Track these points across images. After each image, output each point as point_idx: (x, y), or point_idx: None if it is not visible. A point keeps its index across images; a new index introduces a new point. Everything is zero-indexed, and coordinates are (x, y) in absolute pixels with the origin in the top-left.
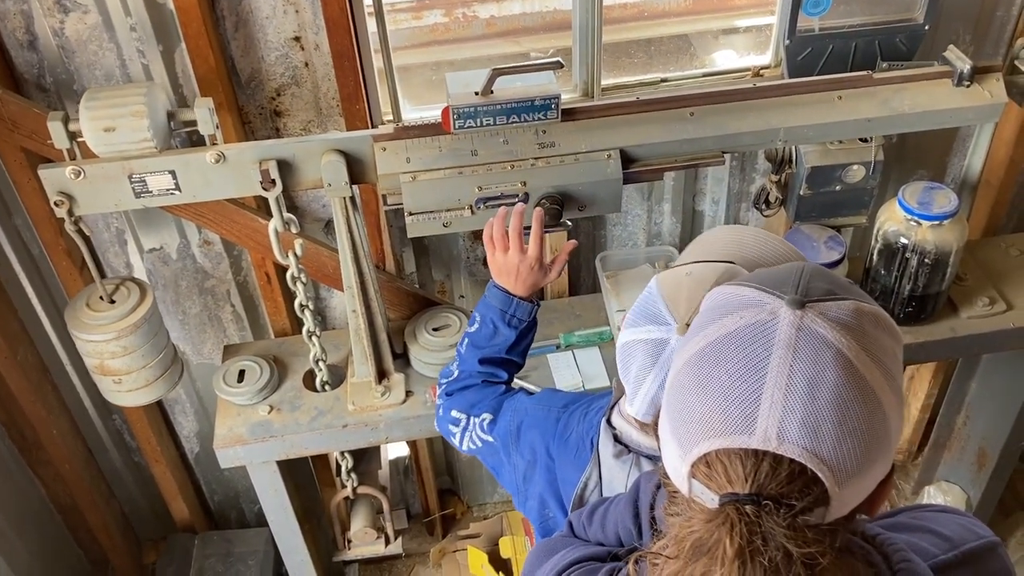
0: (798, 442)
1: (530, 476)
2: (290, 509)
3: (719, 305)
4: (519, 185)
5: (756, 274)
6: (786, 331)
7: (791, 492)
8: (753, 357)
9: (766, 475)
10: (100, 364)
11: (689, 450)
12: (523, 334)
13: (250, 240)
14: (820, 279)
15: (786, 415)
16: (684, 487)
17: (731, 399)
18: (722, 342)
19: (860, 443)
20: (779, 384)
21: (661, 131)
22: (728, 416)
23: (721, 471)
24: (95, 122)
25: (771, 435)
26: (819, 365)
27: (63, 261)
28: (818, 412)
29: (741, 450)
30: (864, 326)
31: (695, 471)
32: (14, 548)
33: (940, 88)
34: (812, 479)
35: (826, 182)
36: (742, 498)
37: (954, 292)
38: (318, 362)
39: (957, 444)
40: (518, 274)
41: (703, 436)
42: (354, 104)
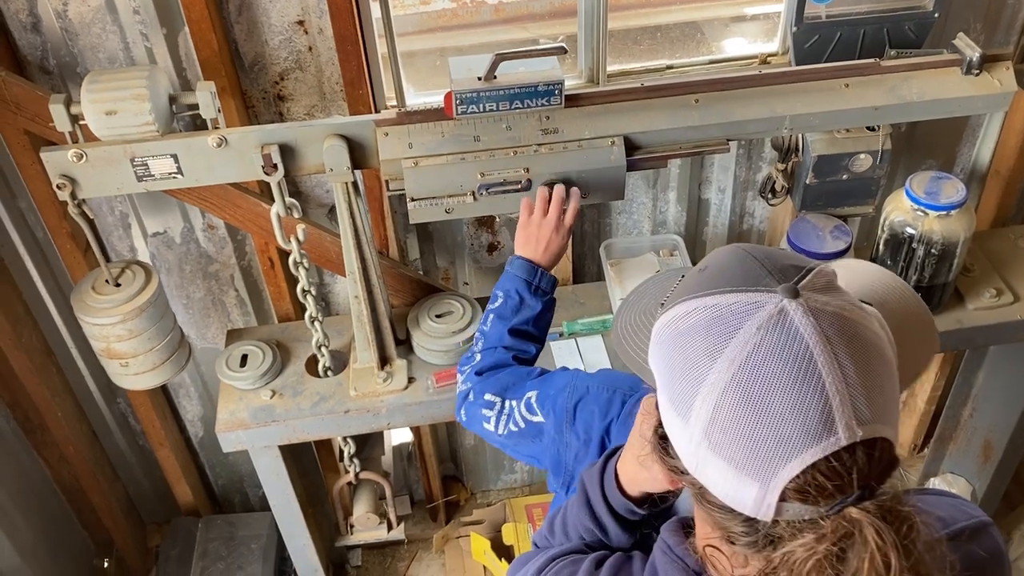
0: (873, 419)
1: (583, 457)
2: (292, 494)
3: (712, 322)
4: (522, 171)
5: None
6: (805, 321)
7: (884, 470)
8: (795, 360)
9: (864, 464)
10: (107, 347)
11: (772, 477)
12: (547, 307)
13: (253, 225)
14: (773, 258)
15: (855, 400)
16: (768, 515)
17: (799, 409)
18: (754, 358)
19: (895, 388)
20: (835, 374)
21: (665, 118)
22: (807, 426)
23: (823, 479)
24: (97, 105)
25: (853, 425)
26: (848, 339)
27: (67, 244)
28: (873, 382)
29: (832, 453)
30: (835, 284)
31: (786, 495)
32: (19, 528)
33: (949, 76)
34: (888, 445)
35: (833, 171)
36: (855, 498)
37: (961, 283)
38: (320, 347)
39: (963, 436)
40: (548, 242)
41: (787, 457)
42: (357, 89)
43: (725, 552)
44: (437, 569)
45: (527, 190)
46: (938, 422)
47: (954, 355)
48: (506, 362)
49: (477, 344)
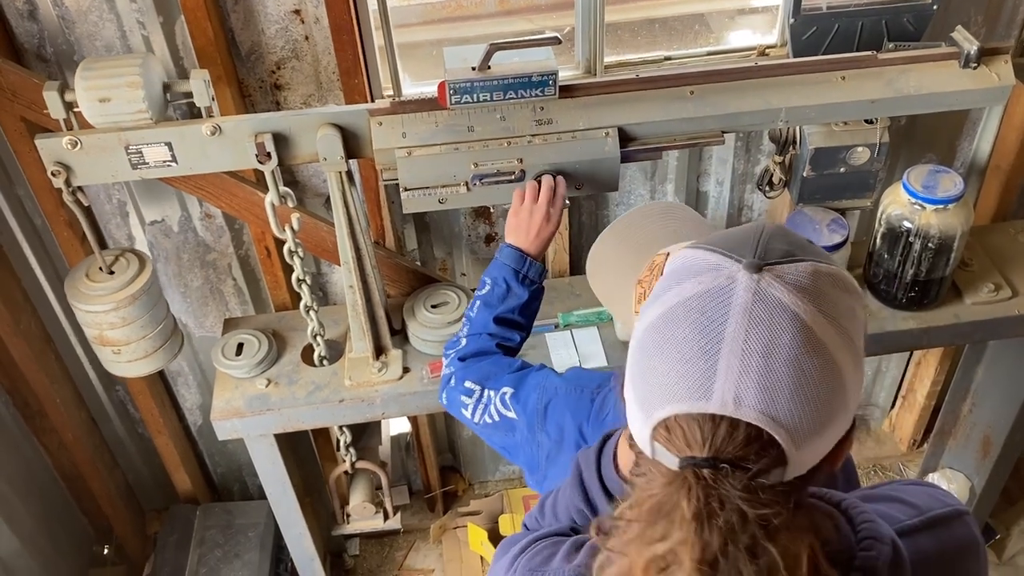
0: (754, 406)
1: (554, 457)
2: (288, 482)
3: (680, 269)
4: (515, 162)
5: (717, 236)
6: (743, 296)
7: (748, 455)
8: (710, 323)
9: (723, 439)
10: (99, 335)
11: (651, 414)
12: (534, 296)
13: (250, 214)
14: (779, 240)
15: (742, 380)
16: (647, 449)
17: (689, 365)
18: (681, 307)
19: (817, 405)
20: (735, 350)
21: (660, 109)
22: (686, 381)
23: (680, 435)
24: (90, 92)
25: (728, 400)
26: (775, 330)
27: (64, 232)
28: (774, 376)
29: (699, 415)
30: (821, 287)
31: (656, 434)
32: (18, 514)
33: (946, 70)
34: (769, 442)
35: (830, 164)
36: (699, 462)
37: (959, 278)
38: (316, 337)
39: (962, 432)
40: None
41: (663, 401)
42: (353, 78)
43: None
44: (434, 559)
45: (520, 181)
46: (937, 417)
47: (954, 350)
48: (490, 350)
49: (463, 329)
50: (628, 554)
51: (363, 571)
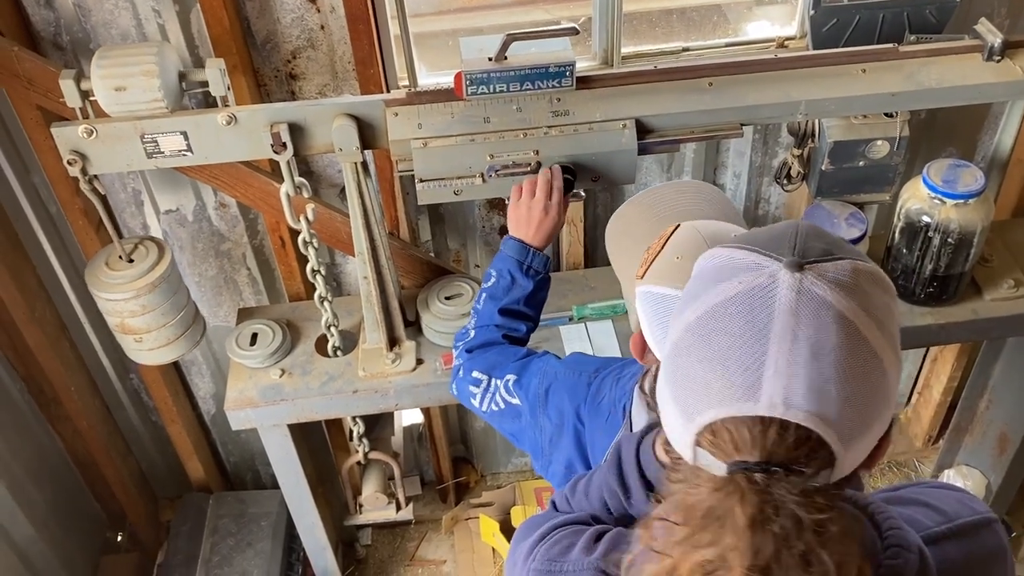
0: (804, 407)
1: (556, 440)
2: (301, 472)
3: (715, 269)
4: (532, 154)
5: (750, 234)
6: (786, 295)
7: (799, 457)
8: (755, 323)
9: (774, 441)
10: (121, 323)
11: (693, 418)
12: (539, 286)
13: (264, 204)
14: (816, 238)
15: (791, 380)
16: (688, 454)
17: (735, 366)
18: (722, 307)
19: (864, 403)
20: (782, 349)
21: (678, 101)
22: (733, 384)
23: (728, 439)
24: (106, 81)
25: (777, 401)
26: (821, 328)
27: (79, 220)
28: (822, 376)
29: (748, 417)
30: (862, 285)
31: (700, 439)
32: (33, 501)
33: (969, 62)
34: (819, 442)
35: (849, 157)
36: (751, 466)
37: (978, 273)
38: (330, 327)
39: (979, 428)
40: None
41: (708, 404)
42: (368, 68)
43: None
44: (446, 550)
45: (536, 172)
46: (953, 413)
47: (971, 346)
48: (496, 340)
49: (471, 321)
50: (672, 555)
51: (375, 561)
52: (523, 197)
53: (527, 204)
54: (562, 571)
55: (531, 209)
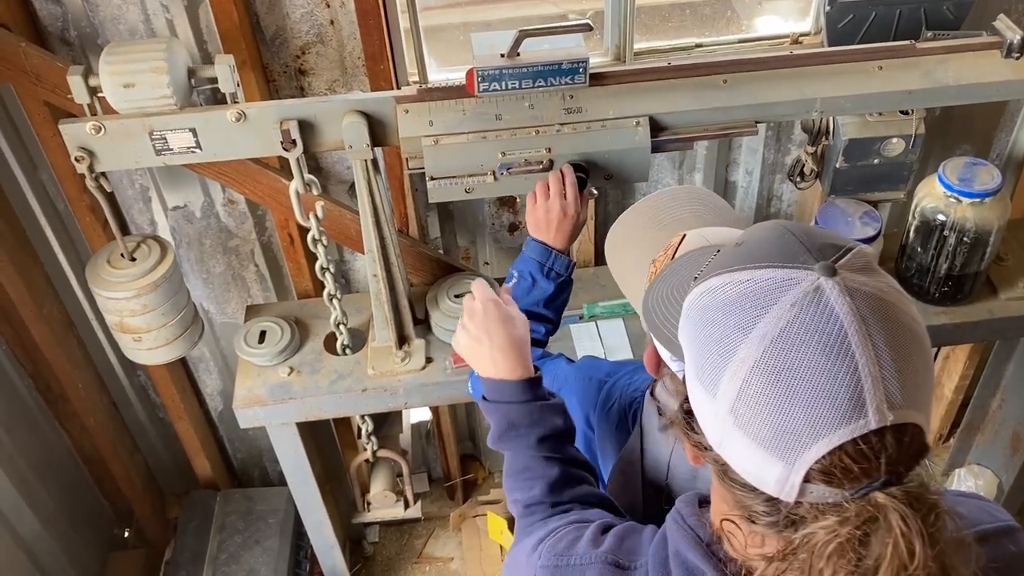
0: (905, 404)
1: None
2: (309, 470)
3: (742, 297)
4: (544, 151)
5: (749, 253)
6: (841, 301)
7: (912, 454)
8: (830, 340)
9: (892, 449)
10: (120, 322)
11: (798, 457)
12: (560, 288)
13: (273, 201)
14: (814, 236)
15: (887, 383)
16: (791, 496)
17: (831, 389)
18: (786, 336)
19: (930, 373)
20: (869, 355)
21: (692, 98)
22: (837, 407)
23: (847, 465)
24: (115, 77)
25: (883, 408)
26: (884, 320)
27: (87, 217)
28: (906, 365)
29: (861, 436)
30: (873, 264)
31: (811, 476)
32: (40, 497)
33: (987, 60)
34: (919, 431)
35: (864, 155)
36: (883, 483)
37: (993, 272)
38: (339, 325)
39: (991, 427)
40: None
41: (814, 437)
42: (379, 64)
43: (743, 529)
44: (454, 547)
45: (548, 170)
46: (965, 412)
47: (983, 345)
48: None
49: None
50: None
51: (382, 558)
52: (538, 200)
53: (543, 207)
54: (569, 564)
55: (548, 211)
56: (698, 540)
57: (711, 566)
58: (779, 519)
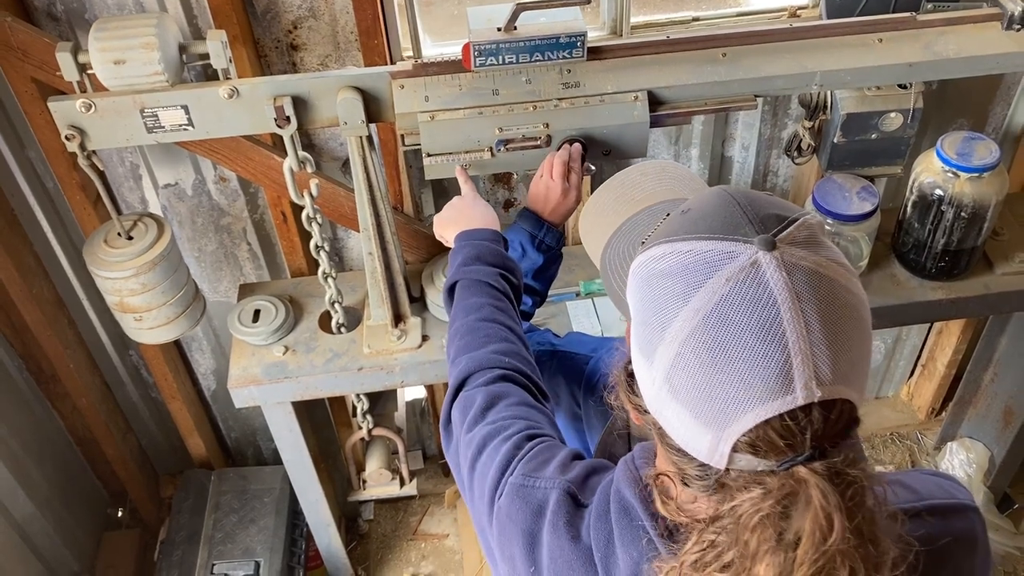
0: (835, 381)
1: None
2: (305, 449)
3: (684, 269)
4: (541, 127)
5: (690, 220)
6: (777, 276)
7: (839, 431)
8: (762, 315)
9: (819, 425)
10: (120, 302)
11: (725, 428)
12: (549, 261)
13: (266, 178)
14: (760, 205)
15: (817, 359)
16: (720, 464)
17: (759, 364)
18: (721, 310)
19: (864, 346)
20: (800, 332)
21: (691, 72)
22: (765, 382)
23: (773, 437)
24: (105, 54)
25: (811, 385)
26: (819, 297)
27: (77, 195)
28: (836, 341)
29: (788, 411)
30: (819, 238)
31: (738, 446)
32: (33, 478)
33: (988, 32)
34: (849, 407)
35: (862, 130)
36: (805, 457)
37: (989, 247)
38: (334, 304)
39: (983, 401)
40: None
41: (742, 409)
42: (372, 39)
43: (677, 487)
44: (449, 524)
45: (546, 146)
46: (958, 386)
47: (977, 319)
48: None
49: None
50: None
51: (378, 536)
52: (544, 176)
53: (546, 184)
54: (535, 487)
55: (549, 189)
56: (638, 480)
57: (644, 509)
58: (709, 483)
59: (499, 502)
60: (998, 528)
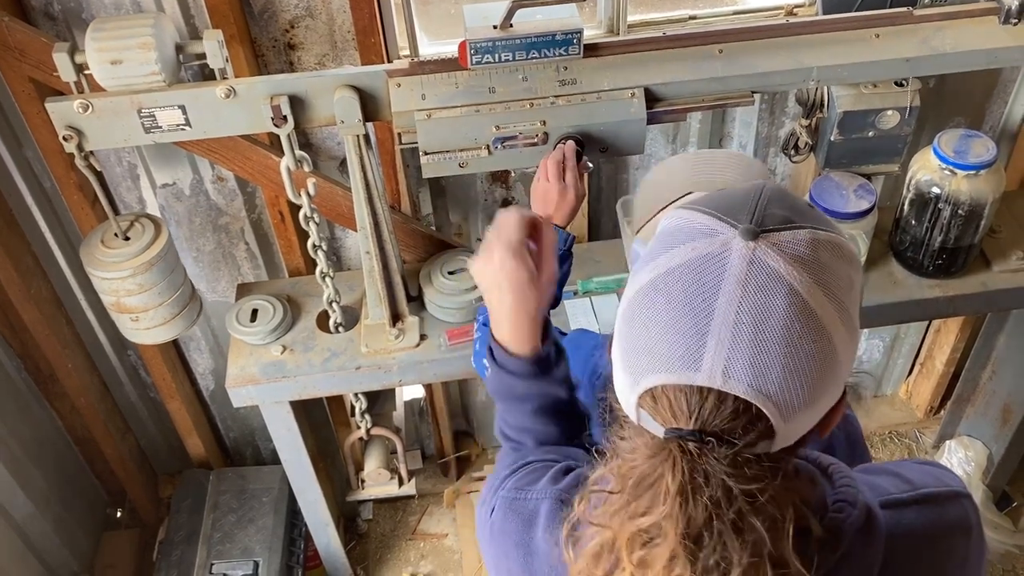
0: (744, 380)
1: None
2: (303, 449)
3: (673, 231)
4: (538, 124)
5: (713, 197)
6: (737, 264)
7: (735, 428)
8: (702, 291)
9: (710, 412)
10: (117, 302)
11: (637, 380)
12: (560, 261)
13: (263, 177)
14: (778, 204)
15: (733, 352)
16: (632, 415)
17: (678, 334)
18: (672, 274)
19: (808, 379)
20: (727, 320)
21: (688, 69)
22: (674, 351)
23: (666, 405)
24: (102, 54)
25: (716, 372)
26: (769, 302)
27: (74, 195)
28: (765, 350)
29: (687, 386)
30: (820, 257)
31: (642, 402)
32: (32, 478)
33: (985, 26)
34: (757, 415)
35: (858, 128)
36: (685, 434)
37: (987, 245)
38: (332, 303)
39: (981, 399)
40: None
41: (650, 369)
42: (369, 37)
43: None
44: (448, 523)
45: (544, 144)
46: (956, 384)
47: (975, 317)
48: None
49: None
50: (611, 527)
51: (376, 535)
52: (540, 178)
53: (544, 187)
54: (527, 499)
55: (547, 191)
56: None
57: None
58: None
59: (491, 518)
60: (997, 526)
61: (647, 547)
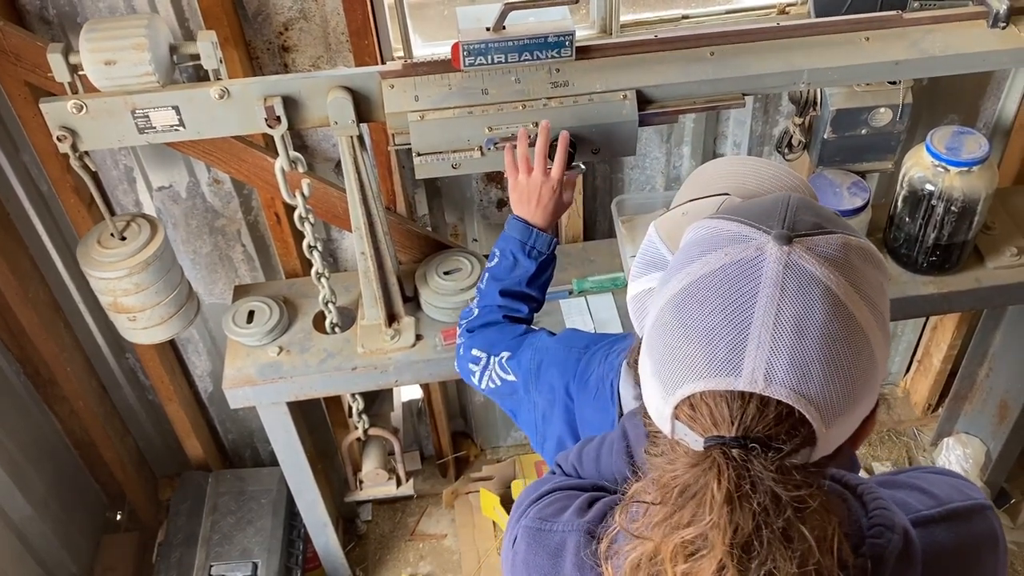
0: (786, 383)
1: (549, 416)
2: (300, 450)
3: (702, 240)
4: (531, 126)
5: (741, 206)
6: (773, 268)
7: (778, 434)
8: (739, 296)
9: (753, 417)
10: (114, 302)
11: (673, 391)
12: (542, 267)
13: (259, 179)
14: (807, 211)
15: (774, 356)
16: (667, 428)
17: (717, 340)
18: (706, 280)
19: (848, 382)
20: (766, 324)
21: (679, 71)
22: (714, 358)
23: (706, 413)
24: (95, 55)
25: (758, 377)
26: (807, 304)
27: (71, 198)
28: (806, 352)
29: (727, 392)
30: (852, 260)
31: (679, 412)
32: (31, 481)
33: (974, 29)
34: (799, 420)
35: (851, 126)
36: (728, 441)
37: (981, 241)
38: (328, 304)
39: (979, 396)
40: (539, 199)
41: (687, 378)
42: (363, 39)
43: None
44: (447, 524)
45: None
46: (953, 381)
47: (971, 314)
48: (496, 320)
49: (475, 300)
50: (652, 538)
51: (375, 536)
52: (520, 176)
53: (524, 183)
54: (552, 530)
55: (529, 188)
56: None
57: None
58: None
59: (514, 548)
60: None
61: (692, 559)
